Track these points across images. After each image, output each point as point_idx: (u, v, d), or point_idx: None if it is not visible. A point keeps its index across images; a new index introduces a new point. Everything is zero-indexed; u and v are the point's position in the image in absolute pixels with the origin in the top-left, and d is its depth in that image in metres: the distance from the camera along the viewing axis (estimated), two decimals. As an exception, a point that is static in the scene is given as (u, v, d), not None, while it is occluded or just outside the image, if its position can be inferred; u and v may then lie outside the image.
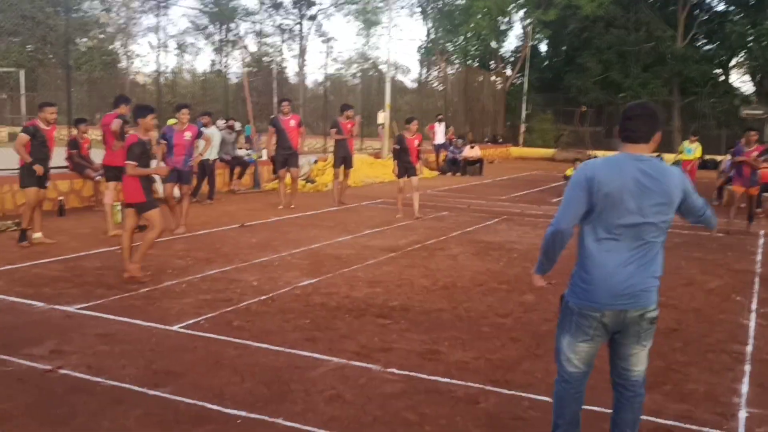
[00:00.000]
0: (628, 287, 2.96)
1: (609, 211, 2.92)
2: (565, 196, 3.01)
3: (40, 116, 8.24)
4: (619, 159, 2.99)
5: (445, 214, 12.04)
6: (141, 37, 60.95)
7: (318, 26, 46.22)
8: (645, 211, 2.92)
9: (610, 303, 2.97)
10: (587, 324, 3.03)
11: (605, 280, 2.96)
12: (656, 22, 31.41)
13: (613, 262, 2.96)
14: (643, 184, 2.91)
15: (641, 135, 2.99)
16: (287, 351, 4.87)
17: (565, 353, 3.14)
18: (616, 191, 2.90)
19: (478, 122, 32.49)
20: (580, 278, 3.04)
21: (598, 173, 2.93)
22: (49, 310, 5.71)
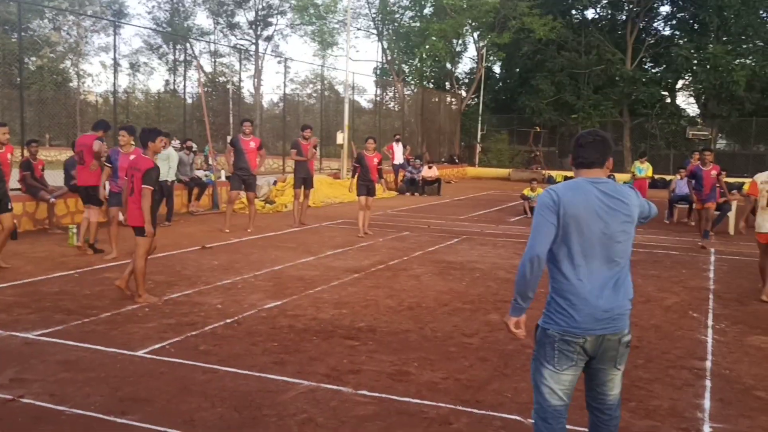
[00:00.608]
0: (608, 311, 2.96)
1: (579, 235, 2.94)
2: (535, 222, 3.00)
3: None
4: (579, 183, 3.03)
5: (406, 234, 12.11)
6: (92, 56, 59.96)
7: (275, 47, 46.33)
8: (613, 232, 2.96)
9: (591, 328, 2.95)
10: (571, 349, 2.97)
11: (586, 304, 2.95)
12: (606, 46, 32.29)
13: (591, 286, 2.96)
14: (607, 205, 2.96)
15: (595, 160, 3.05)
16: (256, 375, 4.82)
17: (548, 386, 3.03)
18: (584, 213, 2.93)
19: (435, 142, 32.82)
20: (558, 304, 3.00)
21: (563, 196, 2.95)
22: (7, 336, 5.55)
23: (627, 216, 3.00)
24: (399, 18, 34.66)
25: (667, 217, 15.54)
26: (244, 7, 44.40)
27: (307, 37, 40.01)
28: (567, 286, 2.98)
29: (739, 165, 28.42)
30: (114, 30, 17.63)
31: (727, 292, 8.16)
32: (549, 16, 31.07)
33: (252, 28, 44.89)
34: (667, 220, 15.43)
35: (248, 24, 45.04)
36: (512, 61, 35.54)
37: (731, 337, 6.23)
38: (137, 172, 6.70)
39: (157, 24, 44.97)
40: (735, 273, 9.47)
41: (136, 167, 6.74)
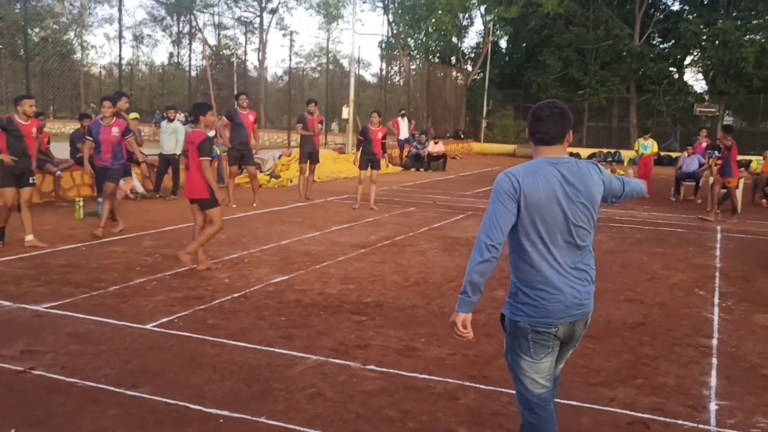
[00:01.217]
0: (577, 297, 2.86)
1: (542, 222, 2.80)
2: (492, 208, 2.80)
3: (18, 109, 7.79)
4: (539, 165, 2.85)
5: (412, 210, 12.11)
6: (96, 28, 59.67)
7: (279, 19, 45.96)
8: (576, 216, 2.83)
9: (562, 316, 2.85)
10: (545, 338, 2.87)
11: (555, 292, 2.83)
12: (614, 21, 31.96)
13: (559, 274, 2.84)
14: (568, 188, 2.81)
15: (554, 135, 2.87)
16: (265, 349, 4.85)
17: (529, 376, 2.94)
18: (545, 200, 2.78)
19: (440, 118, 32.69)
20: (526, 295, 2.86)
21: (524, 182, 2.79)
22: (17, 309, 5.59)
23: (588, 198, 2.85)
24: (405, -9, 34.32)
25: (673, 195, 15.52)
26: (249, -21, 44.00)
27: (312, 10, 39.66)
28: (534, 275, 2.84)
29: (746, 142, 28.24)
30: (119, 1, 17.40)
31: (733, 270, 8.16)
32: (557, -10, 30.73)
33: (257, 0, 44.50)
34: (673, 197, 15.41)
35: (253, -4, 44.63)
36: (519, 35, 35.25)
37: (737, 315, 6.24)
38: (192, 146, 6.81)
39: (160, -5, 44.58)
40: (741, 251, 9.47)
41: (191, 141, 6.84)
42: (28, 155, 7.91)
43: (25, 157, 7.88)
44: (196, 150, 6.76)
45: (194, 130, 7.05)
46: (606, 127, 35.10)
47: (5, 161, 7.65)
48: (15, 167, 7.73)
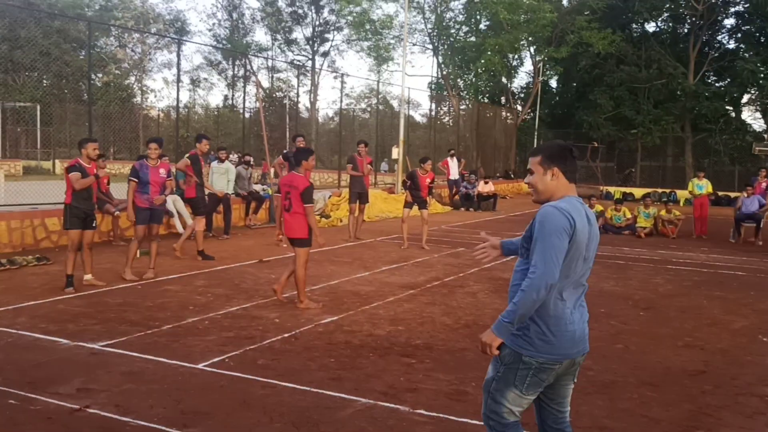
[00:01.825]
0: (582, 334, 2.93)
1: (574, 260, 2.83)
2: (550, 245, 2.75)
3: (83, 152, 8.02)
4: (575, 204, 2.87)
5: (462, 250, 12.03)
6: (155, 72, 61.81)
7: (331, 62, 46.92)
8: (591, 257, 2.92)
9: (569, 353, 2.89)
10: (545, 377, 2.89)
11: (566, 329, 2.86)
12: (667, 60, 31.63)
13: (570, 312, 2.89)
14: (590, 229, 2.89)
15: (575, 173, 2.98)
16: (314, 391, 4.83)
17: (509, 407, 2.93)
18: (584, 239, 2.84)
19: (490, 157, 32.66)
20: (540, 330, 2.85)
21: (577, 220, 2.80)
22: (74, 347, 5.71)
23: (597, 240, 2.96)
24: (455, 33, 34.69)
25: (732, 236, 15.06)
26: (302, 24, 45.17)
27: (363, 53, 40.36)
28: (552, 311, 2.85)
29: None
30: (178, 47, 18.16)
31: (799, 315, 7.83)
32: (608, 30, 30.63)
33: (309, 44, 45.61)
34: (732, 239, 14.96)
35: (305, 40, 45.79)
36: (569, 75, 35.19)
37: (804, 364, 5.96)
38: (294, 190, 7.13)
39: (217, 41, 46.12)
40: (806, 296, 9.08)
41: (293, 185, 7.15)
42: (90, 198, 8.15)
43: (90, 200, 8.12)
44: (299, 196, 7.08)
45: (295, 174, 7.29)
46: (660, 167, 34.48)
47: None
48: (81, 210, 7.96)
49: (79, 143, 8.29)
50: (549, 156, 2.95)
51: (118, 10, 40.98)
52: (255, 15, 46.34)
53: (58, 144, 33.62)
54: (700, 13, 30.95)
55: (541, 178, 2.97)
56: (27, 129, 35.69)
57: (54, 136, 33.65)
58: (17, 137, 37.20)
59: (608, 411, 4.63)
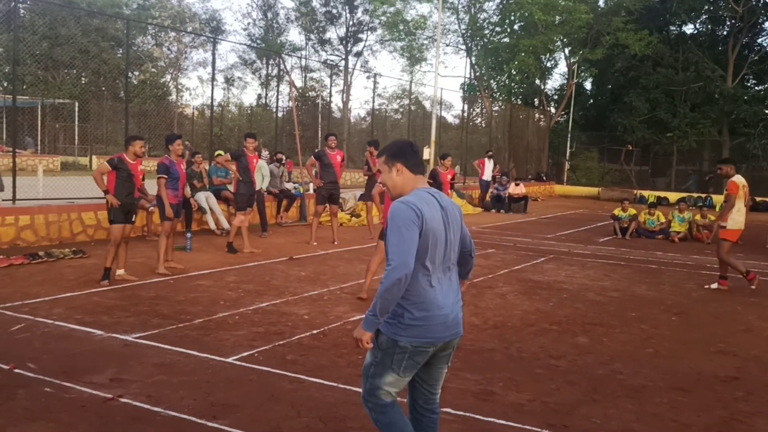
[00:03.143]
0: (455, 317, 3.08)
1: (433, 247, 3.00)
2: (401, 235, 2.92)
3: (129, 149, 8.16)
4: (423, 194, 3.07)
5: (492, 252, 11.99)
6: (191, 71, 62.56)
7: (364, 62, 47.03)
8: (453, 240, 3.10)
9: (443, 336, 3.05)
10: (420, 360, 3.06)
11: (439, 313, 3.01)
12: (705, 62, 31.08)
13: (442, 296, 3.04)
14: (446, 214, 3.08)
15: (422, 168, 3.19)
16: (341, 387, 4.87)
17: (386, 389, 3.10)
18: (437, 225, 3.02)
19: (522, 159, 32.42)
20: (412, 316, 3.00)
21: (423, 209, 2.99)
22: (108, 338, 5.83)
23: (457, 223, 3.15)
24: (488, 34, 34.52)
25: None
26: (336, 24, 45.32)
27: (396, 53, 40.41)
28: (421, 296, 3.00)
29: None
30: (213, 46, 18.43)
31: (837, 324, 7.65)
32: (645, 31, 30.20)
33: (342, 44, 45.74)
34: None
35: (339, 40, 45.93)
36: (604, 77, 34.76)
37: (842, 373, 5.83)
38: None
39: (251, 40, 46.50)
40: None
41: None
42: (134, 193, 8.30)
43: (132, 195, 8.26)
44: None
45: None
46: (697, 171, 33.89)
47: (112, 202, 7.99)
48: (123, 205, 8.10)
49: (126, 140, 8.41)
50: (391, 154, 3.17)
51: (155, 9, 41.55)
52: (289, 15, 46.66)
53: (95, 140, 34.21)
54: (739, 15, 30.34)
55: (388, 175, 3.18)
56: (65, 125, 36.41)
57: (91, 133, 34.26)
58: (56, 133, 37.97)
59: (637, 415, 4.59)
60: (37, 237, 10.45)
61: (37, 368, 4.97)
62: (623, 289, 9.11)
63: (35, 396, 4.46)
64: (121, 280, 8.15)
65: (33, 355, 5.27)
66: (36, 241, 10.40)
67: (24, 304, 6.81)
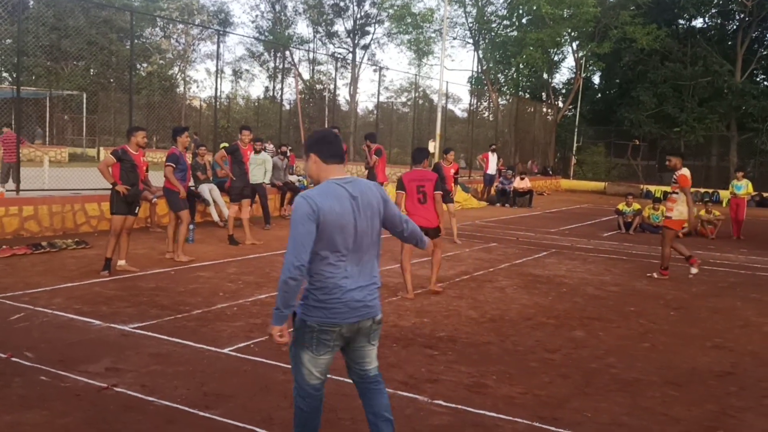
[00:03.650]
0: (361, 300, 3.22)
1: (337, 236, 3.13)
2: (296, 231, 3.09)
3: (132, 140, 8.22)
4: (331, 187, 3.19)
5: (494, 246, 11.99)
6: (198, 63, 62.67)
7: (371, 55, 46.96)
8: (363, 229, 3.21)
9: (348, 318, 3.19)
10: (328, 338, 3.21)
11: (340, 299, 3.16)
12: (713, 57, 30.90)
13: (348, 281, 3.19)
14: (356, 204, 3.18)
15: (337, 156, 3.27)
16: (335, 378, 4.87)
17: (307, 368, 3.27)
18: (339, 217, 3.13)
19: (528, 153, 32.35)
20: (316, 298, 3.18)
21: (321, 203, 3.11)
22: (106, 328, 5.88)
23: (371, 209, 3.25)
24: (496, 28, 34.41)
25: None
26: (343, 17, 45.25)
27: (403, 46, 40.29)
28: (324, 281, 3.17)
29: None
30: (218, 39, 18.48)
31: (837, 320, 7.62)
32: (653, 26, 30.03)
33: (350, 36, 45.68)
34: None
35: (346, 33, 45.86)
36: (612, 71, 34.63)
37: (837, 369, 5.82)
38: (429, 183, 7.66)
39: (259, 32, 46.51)
40: None
41: (428, 178, 7.71)
42: (138, 184, 8.36)
43: (136, 186, 8.32)
44: (433, 186, 7.65)
45: (426, 170, 7.90)
46: (704, 166, 33.72)
47: (121, 191, 8.08)
48: (128, 196, 8.16)
49: (128, 131, 8.48)
50: (308, 145, 3.33)
51: (164, 1, 41.58)
52: (297, 7, 46.60)
53: (102, 132, 34.36)
54: (749, 9, 30.15)
55: (306, 165, 3.35)
56: (73, 117, 36.57)
57: (99, 124, 34.41)
58: (64, 125, 38.15)
59: (629, 408, 4.60)
60: (40, 227, 10.53)
61: (34, 357, 5.02)
62: (623, 284, 9.11)
63: (31, 384, 4.51)
64: (123, 271, 8.21)
65: (31, 344, 5.33)
66: (39, 232, 10.48)
67: (25, 294, 6.88)
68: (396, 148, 34.84)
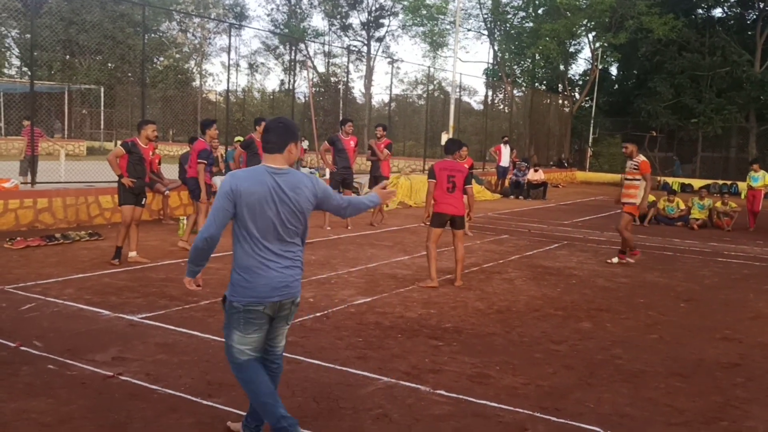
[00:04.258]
0: (282, 281, 3.41)
1: (256, 219, 3.34)
2: (214, 206, 3.36)
3: (142, 133, 8.33)
4: (258, 171, 3.40)
5: (505, 237, 11.96)
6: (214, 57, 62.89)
7: (386, 47, 46.86)
8: (284, 218, 3.38)
9: (269, 297, 3.39)
10: (254, 317, 3.41)
11: (261, 278, 3.37)
12: (732, 47, 30.51)
13: (267, 262, 3.38)
14: (279, 195, 3.36)
15: (274, 146, 3.41)
16: (338, 368, 4.93)
17: (237, 347, 3.46)
18: (257, 201, 3.32)
19: (544, 145, 32.17)
20: (241, 279, 3.39)
21: (241, 185, 3.33)
22: (114, 318, 5.95)
23: (296, 206, 3.40)
24: (511, 19, 34.20)
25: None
26: (358, 9, 45.17)
27: (417, 38, 40.16)
28: (247, 263, 3.39)
29: None
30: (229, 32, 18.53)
31: None
32: (670, 15, 29.69)
33: (364, 29, 45.62)
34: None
35: (361, 25, 45.81)
36: (629, 62, 34.33)
37: None
38: (459, 174, 7.88)
39: (275, 26, 46.55)
40: None
41: (458, 169, 7.93)
42: (144, 177, 8.44)
43: (142, 179, 8.40)
44: (464, 178, 7.90)
45: (458, 162, 8.15)
46: (723, 158, 33.36)
47: (126, 184, 8.19)
48: (134, 187, 8.25)
49: (138, 124, 8.59)
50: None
51: (180, -5, 41.73)
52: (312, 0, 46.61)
53: (120, 125, 34.63)
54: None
55: None
56: (91, 110, 36.87)
57: (116, 118, 34.68)
58: (82, 119, 38.49)
59: (632, 399, 4.58)
60: (54, 219, 10.65)
61: (42, 346, 5.09)
62: (634, 276, 9.05)
63: (38, 373, 4.57)
64: (134, 262, 8.29)
65: (40, 333, 5.40)
66: (54, 224, 10.60)
67: (36, 285, 6.96)
68: (411, 141, 34.81)
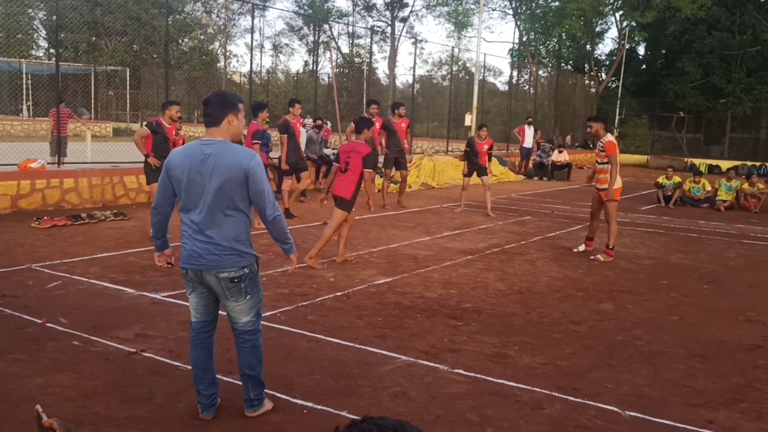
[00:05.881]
0: (198, 251, 3.55)
1: (184, 189, 3.54)
2: (159, 180, 3.70)
3: (166, 114, 8.52)
4: (191, 145, 3.60)
5: (528, 219, 11.90)
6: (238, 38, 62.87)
7: (409, 28, 46.56)
8: (211, 188, 3.47)
9: (189, 263, 3.59)
10: (186, 278, 3.68)
11: (188, 244, 3.59)
12: (763, 25, 29.81)
13: (192, 230, 3.56)
14: (206, 165, 3.46)
15: (212, 119, 3.55)
16: (357, 347, 4.97)
17: (190, 308, 3.80)
18: (183, 173, 3.51)
19: (569, 126, 31.83)
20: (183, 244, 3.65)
21: (172, 160, 3.59)
22: (138, 296, 6.05)
23: (226, 173, 3.45)
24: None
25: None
26: (382, -11, 44.91)
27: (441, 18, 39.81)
28: (183, 229, 3.63)
29: None
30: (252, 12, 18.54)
31: None
32: (700, -7, 29.06)
33: (388, 9, 45.34)
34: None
35: (385, 5, 45.53)
36: (657, 41, 33.67)
37: None
38: (356, 155, 7.41)
39: (299, 6, 46.44)
40: None
41: (356, 150, 7.43)
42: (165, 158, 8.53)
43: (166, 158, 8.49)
44: (361, 161, 7.40)
45: (359, 142, 7.58)
46: (753, 138, 32.73)
47: (152, 163, 8.33)
48: (161, 166, 8.35)
49: (162, 105, 8.71)
50: None
51: (203, -24, 41.78)
52: (336, -20, 46.43)
53: (146, 106, 34.90)
54: (803, -26, 29.01)
55: None
56: (117, 92, 37.17)
57: (142, 99, 34.93)
58: (108, 100, 38.82)
59: (651, 380, 4.56)
60: (80, 199, 10.81)
61: (67, 323, 5.20)
62: (657, 257, 8.97)
63: (63, 348, 4.68)
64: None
65: (65, 310, 5.51)
66: (80, 204, 10.76)
67: (62, 263, 7.09)
68: (434, 122, 34.62)
